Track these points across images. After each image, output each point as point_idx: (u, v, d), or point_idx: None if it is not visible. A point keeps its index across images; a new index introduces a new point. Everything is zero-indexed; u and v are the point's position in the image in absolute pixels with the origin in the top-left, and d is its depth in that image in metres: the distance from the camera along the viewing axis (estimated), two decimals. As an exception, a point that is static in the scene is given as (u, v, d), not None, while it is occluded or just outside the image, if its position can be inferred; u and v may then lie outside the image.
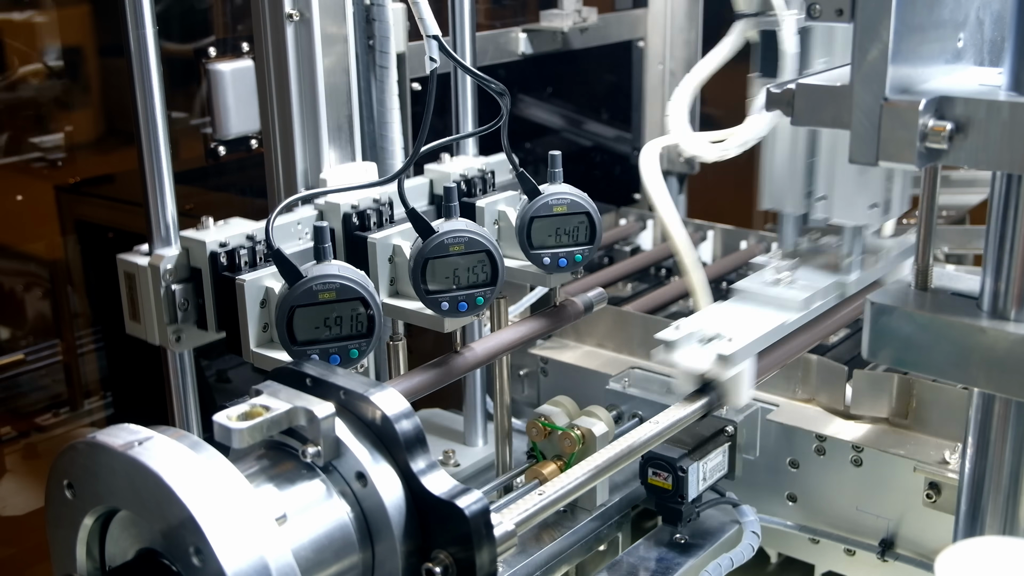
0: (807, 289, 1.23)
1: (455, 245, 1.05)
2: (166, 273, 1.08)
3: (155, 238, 1.11)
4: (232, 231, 1.08)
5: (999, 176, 0.88)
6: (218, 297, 1.08)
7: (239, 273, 1.05)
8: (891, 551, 1.30)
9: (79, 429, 1.91)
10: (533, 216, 1.15)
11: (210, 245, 1.06)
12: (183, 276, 1.09)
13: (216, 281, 1.07)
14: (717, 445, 1.27)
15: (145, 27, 1.08)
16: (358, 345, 1.00)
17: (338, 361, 0.99)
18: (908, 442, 1.30)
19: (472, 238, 1.05)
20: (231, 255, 1.06)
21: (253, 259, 1.07)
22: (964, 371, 0.90)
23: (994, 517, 0.94)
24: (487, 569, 0.87)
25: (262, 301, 1.05)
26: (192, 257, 1.08)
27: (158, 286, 1.08)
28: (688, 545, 1.27)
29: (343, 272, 0.99)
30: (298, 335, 0.98)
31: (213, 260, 1.06)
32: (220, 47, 1.59)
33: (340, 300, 0.98)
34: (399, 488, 0.87)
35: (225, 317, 1.08)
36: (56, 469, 0.85)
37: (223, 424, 0.85)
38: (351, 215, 1.14)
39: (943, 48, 0.85)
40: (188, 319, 1.10)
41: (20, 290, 1.91)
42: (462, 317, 1.08)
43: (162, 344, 1.11)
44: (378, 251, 1.12)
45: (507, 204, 1.24)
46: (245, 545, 0.76)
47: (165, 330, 1.09)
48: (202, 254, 1.07)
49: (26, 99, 1.88)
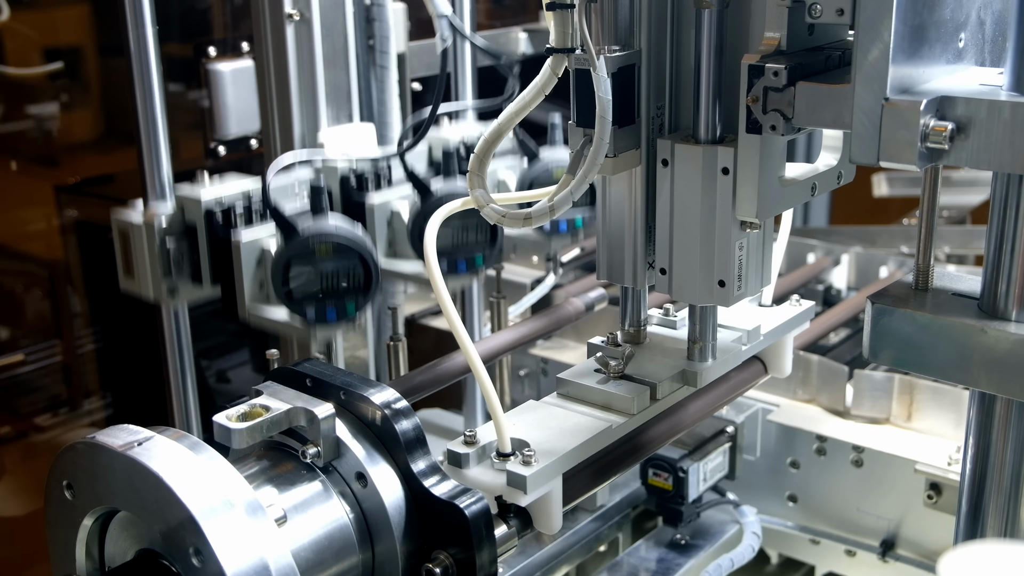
0: (639, 387, 0.97)
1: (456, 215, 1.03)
2: (161, 230, 1.05)
3: (149, 193, 1.09)
4: (228, 188, 1.06)
5: (1000, 176, 0.88)
6: (213, 255, 1.06)
7: (235, 231, 1.04)
8: (892, 552, 1.30)
9: (78, 429, 1.91)
10: (533, 180, 1.14)
11: (206, 203, 1.04)
12: (178, 232, 1.07)
13: (212, 239, 1.05)
14: (718, 446, 1.27)
15: (145, 27, 1.08)
16: (355, 300, 0.98)
17: (335, 316, 0.97)
18: (909, 443, 1.30)
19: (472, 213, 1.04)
20: (227, 213, 1.04)
21: (249, 217, 1.05)
22: (965, 372, 0.90)
23: (995, 518, 0.93)
24: (487, 570, 0.86)
25: (258, 260, 1.03)
26: (187, 213, 1.06)
27: (152, 242, 1.06)
28: (688, 546, 1.27)
29: (340, 227, 0.98)
30: (294, 290, 0.97)
31: (209, 218, 1.04)
32: (220, 47, 1.59)
33: (337, 255, 0.97)
34: (399, 489, 0.87)
35: (220, 275, 1.07)
36: (56, 469, 0.85)
37: (223, 424, 0.85)
38: (349, 176, 1.12)
39: (944, 48, 0.85)
40: (182, 274, 1.07)
41: (20, 290, 1.91)
42: (462, 277, 1.07)
43: (156, 299, 1.08)
44: (376, 214, 1.10)
45: (507, 170, 1.22)
46: (245, 546, 0.76)
47: (159, 284, 1.07)
48: (198, 211, 1.04)
49: (26, 99, 1.88)
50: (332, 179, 1.12)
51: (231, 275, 1.04)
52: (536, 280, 1.59)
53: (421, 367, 1.10)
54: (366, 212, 1.10)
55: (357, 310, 0.99)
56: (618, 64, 0.87)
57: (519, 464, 0.88)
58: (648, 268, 0.97)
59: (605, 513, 1.29)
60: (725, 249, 0.91)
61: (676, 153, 0.90)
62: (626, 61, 0.87)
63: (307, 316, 0.99)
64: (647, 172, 0.92)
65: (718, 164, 0.88)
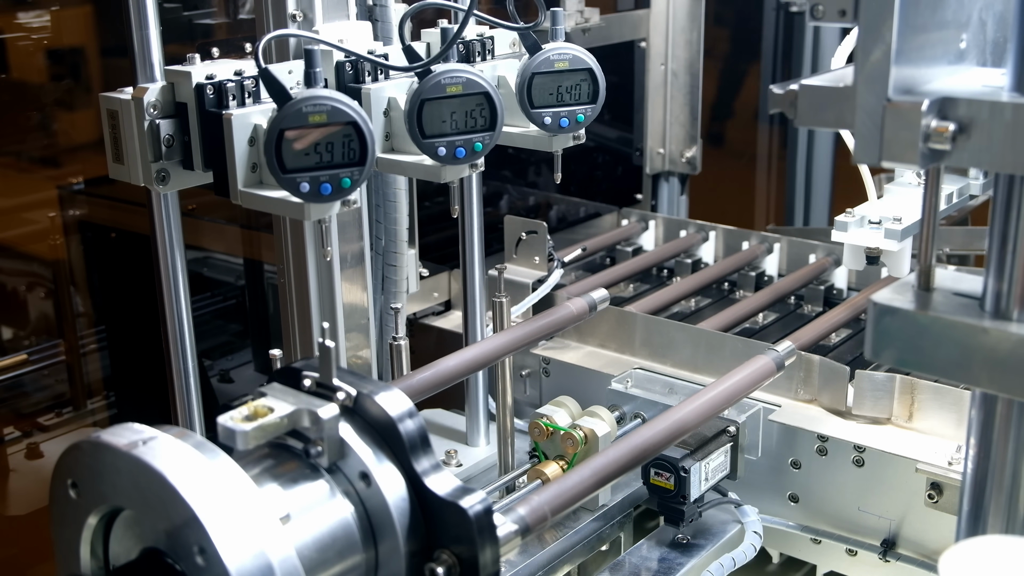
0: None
1: (452, 85, 1.01)
2: (150, 107, 1.02)
3: (139, 73, 1.06)
4: (220, 66, 1.03)
5: (1002, 177, 0.88)
6: (205, 134, 1.03)
7: (227, 108, 1.01)
8: (893, 551, 1.30)
9: (82, 429, 1.91)
10: (534, 72, 1.11)
11: (196, 78, 1.01)
12: (168, 112, 1.03)
13: (203, 116, 1.02)
14: (719, 445, 1.28)
15: (148, 27, 1.08)
16: (350, 173, 0.96)
17: (329, 190, 0.95)
18: (910, 442, 1.30)
19: (470, 78, 1.01)
20: (218, 89, 1.01)
21: (242, 95, 1.02)
22: (967, 371, 0.90)
23: (996, 518, 0.93)
24: (490, 569, 0.87)
25: (251, 139, 1.00)
26: (178, 92, 1.03)
27: (141, 121, 1.03)
28: (690, 545, 1.27)
29: (334, 94, 0.95)
30: (287, 162, 0.94)
31: (199, 93, 1.01)
32: (223, 48, 1.59)
33: (331, 124, 0.94)
34: (403, 488, 0.87)
35: (212, 155, 1.03)
36: (60, 468, 0.85)
37: (227, 426, 0.85)
38: (344, 63, 1.09)
39: (946, 49, 0.85)
40: (173, 157, 1.05)
41: (23, 290, 1.91)
42: (460, 164, 1.04)
43: (146, 184, 1.05)
44: (372, 102, 1.07)
45: (507, 69, 1.19)
46: (249, 545, 0.77)
47: (149, 169, 1.04)
48: (188, 88, 1.01)
49: (28, 99, 1.88)
50: (327, 66, 1.08)
51: (223, 156, 1.00)
52: (538, 280, 1.60)
53: (424, 367, 1.10)
54: (362, 100, 1.07)
55: (352, 185, 0.96)
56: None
57: (892, 222, 1.34)
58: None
59: (607, 513, 1.29)
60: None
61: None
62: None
63: (301, 191, 0.96)
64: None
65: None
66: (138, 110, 1.04)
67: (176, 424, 1.19)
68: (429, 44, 1.26)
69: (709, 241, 1.97)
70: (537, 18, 1.11)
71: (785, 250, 1.90)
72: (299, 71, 1.05)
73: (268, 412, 0.87)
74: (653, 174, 2.30)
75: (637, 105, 2.24)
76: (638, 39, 2.20)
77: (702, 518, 1.30)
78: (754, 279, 1.84)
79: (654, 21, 2.21)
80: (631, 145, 2.27)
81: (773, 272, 1.90)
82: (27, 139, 1.88)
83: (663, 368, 1.50)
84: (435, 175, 1.04)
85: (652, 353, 1.53)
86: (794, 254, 1.90)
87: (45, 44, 1.86)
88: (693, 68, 2.22)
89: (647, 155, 2.27)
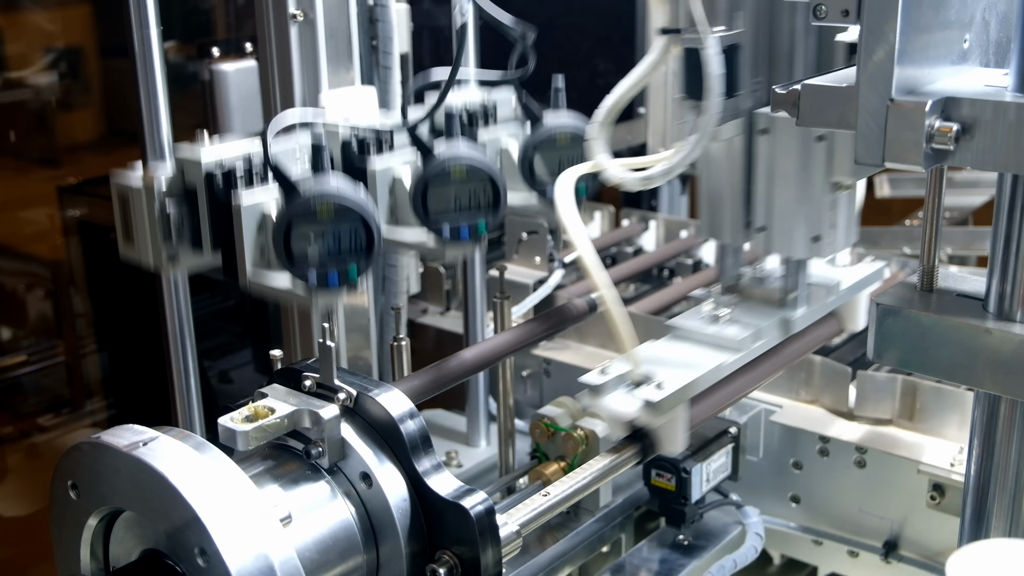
0: (747, 327, 1.11)
1: (457, 169, 1.02)
2: (160, 192, 1.04)
3: (149, 154, 1.07)
4: (229, 150, 1.04)
5: (1006, 178, 0.88)
6: (214, 218, 1.04)
7: (236, 194, 1.02)
8: (895, 553, 1.30)
9: (81, 429, 1.91)
10: (536, 145, 1.13)
11: (206, 165, 1.02)
12: (178, 195, 1.05)
13: (212, 202, 1.03)
14: (721, 446, 1.27)
15: (149, 27, 1.08)
16: (357, 263, 0.97)
17: (336, 279, 0.97)
18: (912, 444, 1.30)
19: (474, 162, 1.03)
20: (228, 175, 1.02)
21: (250, 179, 1.03)
22: (969, 372, 0.90)
23: (999, 519, 0.93)
24: (492, 570, 0.87)
25: (259, 224, 1.02)
26: (188, 176, 1.04)
27: (152, 205, 1.04)
28: (691, 547, 1.27)
29: (342, 187, 0.97)
30: (296, 253, 0.95)
31: (209, 180, 1.02)
32: (223, 47, 1.59)
33: (339, 215, 0.95)
34: (404, 489, 0.87)
35: (221, 239, 1.05)
36: (60, 469, 0.85)
37: (228, 427, 0.85)
38: (350, 141, 1.11)
39: (949, 49, 0.85)
40: (183, 239, 1.06)
41: (22, 290, 1.91)
42: (463, 244, 1.05)
43: (156, 266, 1.07)
44: (378, 180, 1.09)
45: (509, 137, 1.20)
46: (250, 546, 0.76)
47: (160, 251, 1.05)
48: (198, 173, 1.03)
49: (28, 99, 1.88)
50: (333, 143, 1.09)
51: (232, 239, 1.02)
52: (539, 281, 1.59)
53: (425, 368, 1.10)
54: (367, 178, 1.08)
55: (359, 273, 0.97)
56: (726, 43, 1.00)
57: (653, 389, 1.03)
58: (745, 227, 1.12)
59: (608, 514, 1.29)
60: (820, 207, 1.08)
61: (775, 124, 1.05)
62: (732, 40, 1.01)
63: (309, 280, 0.97)
64: (747, 140, 1.07)
65: (813, 132, 1.04)
66: (148, 195, 1.05)
67: (176, 425, 1.19)
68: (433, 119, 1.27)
69: (710, 241, 1.97)
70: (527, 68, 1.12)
71: (786, 251, 1.90)
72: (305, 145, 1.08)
73: (269, 413, 0.87)
74: (653, 175, 2.29)
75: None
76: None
77: (703, 519, 1.30)
78: (755, 280, 1.84)
79: (654, 21, 2.20)
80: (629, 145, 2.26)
81: (774, 273, 1.89)
82: (27, 139, 1.88)
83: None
84: (439, 254, 1.07)
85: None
86: (795, 255, 1.89)
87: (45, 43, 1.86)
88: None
89: (647, 155, 2.27)
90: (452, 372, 1.11)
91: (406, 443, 0.87)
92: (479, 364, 1.14)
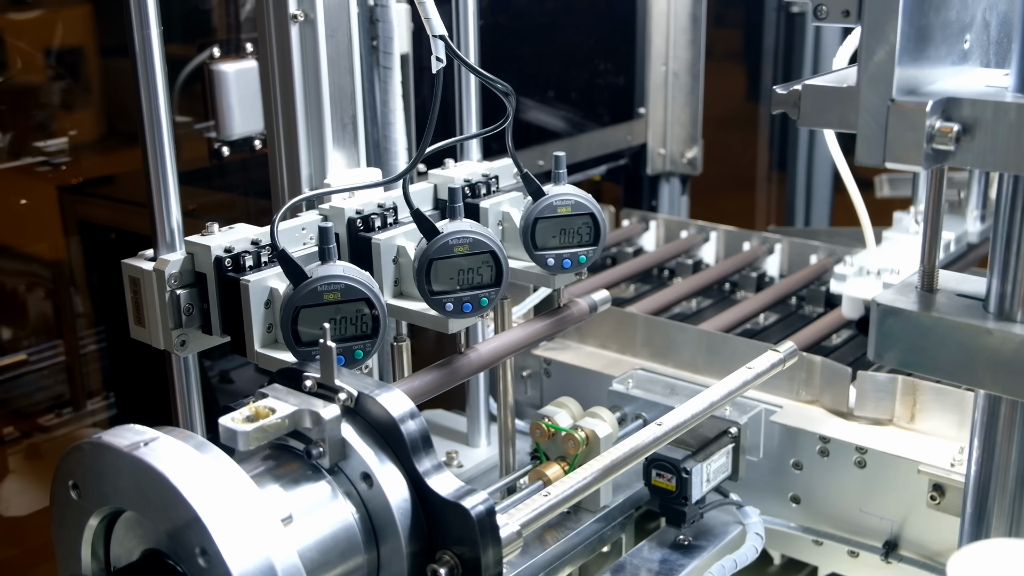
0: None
1: (460, 246, 1.05)
2: (171, 278, 1.08)
3: (160, 243, 1.11)
4: (237, 236, 1.08)
5: (1006, 178, 0.88)
6: (223, 300, 1.08)
7: (243, 275, 1.06)
8: (895, 553, 1.30)
9: (82, 430, 1.91)
10: (537, 217, 1.15)
11: (215, 250, 1.06)
12: (188, 281, 1.09)
13: (221, 283, 1.07)
14: (721, 446, 1.27)
15: (150, 27, 1.08)
16: (363, 346, 1.00)
17: (343, 362, 0.99)
18: (912, 444, 1.30)
19: (477, 239, 1.05)
20: (236, 259, 1.06)
21: (258, 262, 1.08)
22: (970, 373, 0.90)
23: (1000, 519, 0.93)
24: (492, 570, 0.87)
25: (267, 302, 1.05)
26: (197, 262, 1.08)
27: (163, 291, 1.08)
28: (691, 547, 1.27)
29: (348, 272, 0.99)
30: (303, 336, 0.98)
31: (218, 264, 1.07)
32: (224, 48, 1.59)
33: (345, 301, 0.98)
34: (405, 489, 0.87)
35: (230, 319, 1.09)
36: (61, 469, 0.85)
37: (229, 427, 0.85)
38: (355, 219, 1.14)
39: (949, 49, 0.85)
40: (192, 324, 1.10)
41: (23, 291, 1.91)
42: (467, 318, 1.08)
43: (167, 349, 1.11)
44: (382, 252, 1.12)
45: (511, 205, 1.24)
46: (251, 546, 0.76)
47: (170, 335, 1.09)
48: (207, 259, 1.07)
49: (28, 100, 1.88)
50: (339, 222, 1.14)
51: (240, 319, 1.06)
52: (539, 281, 1.59)
53: (425, 368, 1.10)
54: (372, 249, 1.12)
55: (365, 356, 1.01)
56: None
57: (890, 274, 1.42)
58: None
59: (608, 514, 1.29)
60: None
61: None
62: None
63: None
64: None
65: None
66: (159, 281, 1.08)
67: (177, 425, 1.19)
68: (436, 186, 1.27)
69: (710, 242, 1.97)
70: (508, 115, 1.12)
71: (786, 251, 1.90)
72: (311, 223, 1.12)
73: (269, 413, 0.87)
74: (654, 175, 2.30)
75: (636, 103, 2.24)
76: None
77: (703, 519, 1.30)
78: (755, 280, 1.84)
79: (654, 21, 2.21)
80: (628, 145, 2.27)
81: (774, 273, 1.90)
82: (27, 139, 1.88)
83: (664, 369, 1.50)
84: (442, 325, 1.09)
85: (653, 354, 1.53)
86: (795, 255, 1.90)
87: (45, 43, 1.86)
88: (694, 69, 2.22)
89: (648, 156, 2.27)
90: (452, 372, 1.11)
91: (407, 443, 0.87)
92: (479, 364, 1.14)
